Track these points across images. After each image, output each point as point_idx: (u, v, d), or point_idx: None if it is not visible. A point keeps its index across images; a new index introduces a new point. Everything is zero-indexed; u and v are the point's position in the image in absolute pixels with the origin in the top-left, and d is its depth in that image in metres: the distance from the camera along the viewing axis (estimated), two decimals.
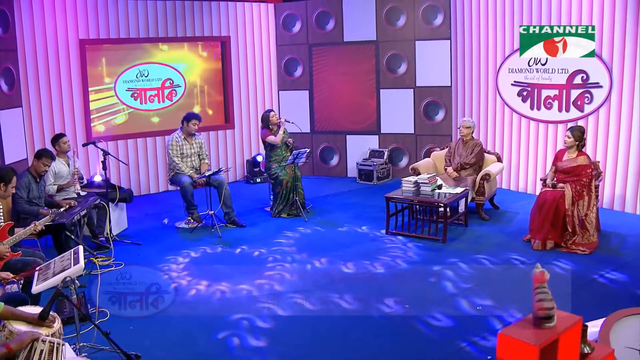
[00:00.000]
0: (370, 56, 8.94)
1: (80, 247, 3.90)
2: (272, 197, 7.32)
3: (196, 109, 8.85)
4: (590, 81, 7.08)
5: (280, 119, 7.26)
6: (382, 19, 8.78)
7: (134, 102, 8.42)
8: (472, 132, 7.06)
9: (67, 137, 6.38)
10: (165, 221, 7.05)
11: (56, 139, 6.26)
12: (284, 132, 7.18)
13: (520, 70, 7.73)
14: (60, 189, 6.09)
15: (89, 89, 7.96)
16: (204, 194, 6.83)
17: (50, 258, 5.29)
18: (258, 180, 8.99)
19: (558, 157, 6.02)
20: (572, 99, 7.27)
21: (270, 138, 7.14)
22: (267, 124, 7.21)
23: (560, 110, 7.41)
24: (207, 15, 8.72)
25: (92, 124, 8.04)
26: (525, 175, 7.91)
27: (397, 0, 8.69)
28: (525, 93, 7.73)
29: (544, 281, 2.26)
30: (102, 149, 6.39)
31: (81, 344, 3.78)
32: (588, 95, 7.13)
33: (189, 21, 8.59)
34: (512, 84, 7.84)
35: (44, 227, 4.83)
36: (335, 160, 9.39)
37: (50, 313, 3.12)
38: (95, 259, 5.75)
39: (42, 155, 5.60)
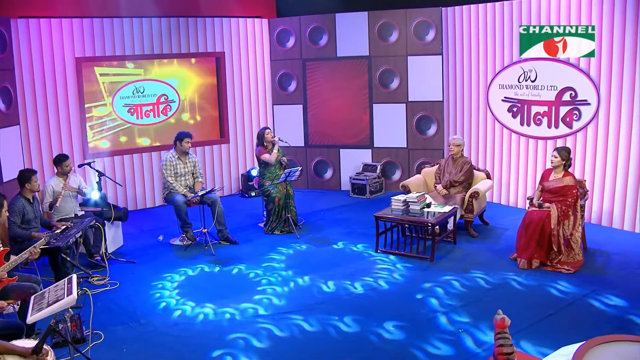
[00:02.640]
0: (363, 71, 9.06)
1: (74, 276, 4.02)
2: (265, 213, 7.44)
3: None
4: (578, 98, 7.20)
5: (274, 137, 7.38)
6: (375, 35, 8.90)
7: (131, 118, 8.55)
8: (462, 150, 7.18)
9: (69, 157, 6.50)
10: (160, 238, 7.18)
11: (60, 160, 6.37)
12: (278, 150, 7.31)
13: (510, 87, 7.86)
14: (51, 205, 6.22)
15: (86, 106, 8.09)
16: (198, 211, 6.97)
17: (47, 277, 5.48)
18: (253, 194, 9.11)
19: (544, 177, 6.14)
20: (561, 115, 7.39)
21: (265, 156, 7.27)
22: (262, 141, 7.35)
23: (549, 126, 7.52)
24: (201, 32, 8.85)
25: (89, 140, 8.17)
26: (516, 191, 8.03)
27: (389, 16, 8.81)
28: (515, 109, 7.85)
29: (504, 327, 2.38)
30: (97, 170, 6.51)
31: None
32: (576, 112, 7.24)
33: (184, 38, 8.72)
34: (502, 100, 7.96)
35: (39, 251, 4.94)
36: (329, 174, 9.51)
37: (44, 347, 3.24)
38: (91, 278, 5.88)
39: (29, 176, 5.66)
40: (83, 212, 6.52)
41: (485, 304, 5.03)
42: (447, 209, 6.42)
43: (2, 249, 4.61)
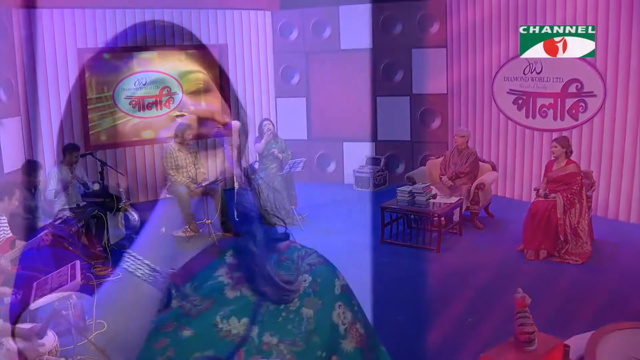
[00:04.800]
0: (366, 64, 9.00)
1: (78, 262, 3.95)
2: None
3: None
4: (584, 90, 7.14)
5: (269, 130, 7.31)
6: (379, 27, 8.83)
7: (132, 110, 8.47)
8: (467, 141, 7.13)
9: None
10: (163, 230, 7.09)
11: (70, 149, 6.31)
12: (277, 143, 7.31)
13: (515, 79, 7.79)
14: (56, 194, 6.15)
15: (87, 97, 8.02)
16: (201, 203, 6.89)
17: (47, 267, 5.40)
18: None
19: (548, 168, 6.11)
20: (566, 107, 7.33)
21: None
22: (261, 132, 7.35)
23: (555, 118, 7.47)
24: (204, 23, 8.79)
25: (90, 132, 8.10)
26: (521, 183, 7.97)
27: (393, 9, 8.75)
28: (520, 101, 7.79)
29: (525, 306, 2.33)
30: (99, 160, 6.45)
31: (79, 357, 3.84)
32: (582, 104, 7.18)
33: (186, 29, 8.64)
34: (507, 92, 7.90)
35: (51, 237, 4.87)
36: (332, 167, 9.45)
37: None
38: (93, 268, 5.81)
39: (31, 170, 5.63)
40: (85, 203, 6.45)
41: (494, 295, 4.97)
42: (453, 200, 6.37)
43: (8, 235, 4.58)
